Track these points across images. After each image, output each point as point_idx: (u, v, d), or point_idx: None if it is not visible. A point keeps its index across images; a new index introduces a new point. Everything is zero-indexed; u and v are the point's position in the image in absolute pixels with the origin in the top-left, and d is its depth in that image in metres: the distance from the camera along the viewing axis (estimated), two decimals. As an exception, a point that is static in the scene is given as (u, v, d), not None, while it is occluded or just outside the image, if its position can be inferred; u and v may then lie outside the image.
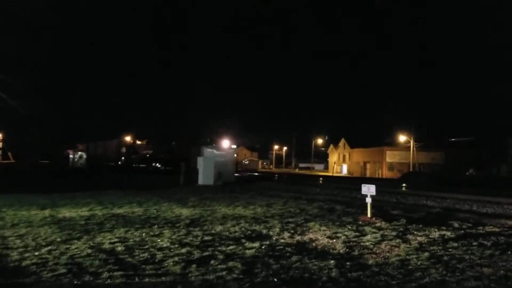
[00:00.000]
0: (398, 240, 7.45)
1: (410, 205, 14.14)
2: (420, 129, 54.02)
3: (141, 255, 6.27)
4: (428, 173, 38.62)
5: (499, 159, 43.90)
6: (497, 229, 8.91)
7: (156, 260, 5.94)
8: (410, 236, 7.85)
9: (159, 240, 7.39)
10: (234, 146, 38.18)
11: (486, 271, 5.48)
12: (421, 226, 9.11)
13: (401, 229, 8.69)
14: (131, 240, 7.41)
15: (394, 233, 8.14)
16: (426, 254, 6.39)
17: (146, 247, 6.82)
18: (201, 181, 24.98)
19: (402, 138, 55.65)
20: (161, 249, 6.67)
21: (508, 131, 44.53)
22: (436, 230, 8.63)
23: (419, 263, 5.84)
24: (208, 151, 27.33)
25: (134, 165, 62.02)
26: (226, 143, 32.49)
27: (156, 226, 8.95)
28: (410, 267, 5.62)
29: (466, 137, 52.27)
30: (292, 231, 8.30)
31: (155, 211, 11.61)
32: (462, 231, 8.61)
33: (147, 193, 17.75)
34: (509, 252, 6.61)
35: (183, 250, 6.56)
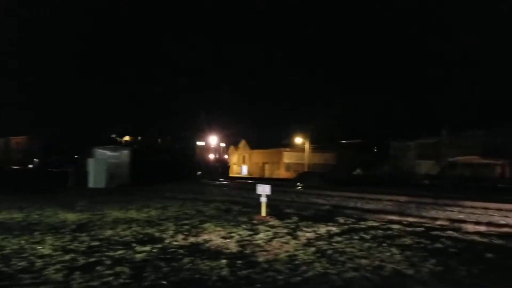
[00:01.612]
0: (288, 237, 7.85)
1: (303, 203, 14.94)
2: (316, 132, 57.19)
3: (18, 264, 5.78)
4: (321, 173, 41.14)
5: (383, 160, 48.29)
6: (376, 224, 9.83)
7: (36, 269, 5.52)
8: (300, 233, 8.32)
9: (40, 247, 6.87)
10: (223, 144, 36.20)
11: (364, 262, 6.02)
12: (310, 223, 9.69)
13: (292, 226, 9.16)
14: (7, 248, 6.78)
15: (285, 231, 8.56)
16: (313, 249, 6.83)
17: (25, 255, 6.30)
18: (92, 183, 23.67)
19: (298, 140, 58.44)
20: (42, 256, 6.21)
21: (390, 136, 49.21)
22: (324, 226, 9.26)
23: (305, 257, 6.21)
24: (99, 152, 25.96)
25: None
26: (213, 139, 32.83)
27: (37, 232, 8.29)
28: (297, 262, 5.96)
29: (355, 140, 56.71)
30: (186, 233, 8.27)
31: (37, 216, 10.74)
32: (347, 226, 9.34)
33: (31, 197, 16.33)
34: (385, 244, 7.33)
35: (67, 257, 6.18)
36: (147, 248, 6.81)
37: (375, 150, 52.89)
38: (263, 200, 10.65)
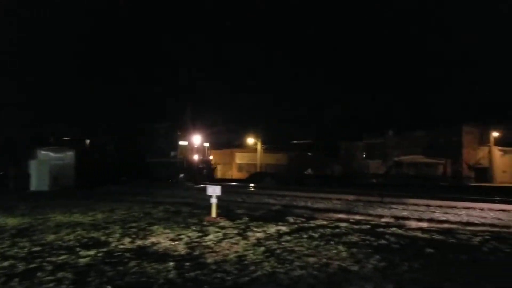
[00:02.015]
0: (238, 238, 7.88)
1: (254, 203, 15.03)
2: (268, 132, 57.65)
3: (-51, 273, 5.42)
4: (272, 173, 41.58)
5: (333, 160, 49.52)
6: (325, 222, 10.07)
7: (-32, 278, 5.20)
8: (249, 233, 8.37)
9: (-27, 255, 6.48)
10: (206, 144, 31.87)
11: (311, 260, 6.16)
12: (261, 223, 9.77)
13: (242, 227, 9.20)
14: None
15: (235, 231, 8.58)
16: (262, 248, 6.89)
17: (-44, 264, 5.92)
18: (34, 186, 22.61)
19: (250, 140, 58.72)
20: (-25, 265, 5.86)
21: (340, 137, 50.60)
22: (274, 225, 9.36)
23: (254, 257, 6.26)
24: (42, 153, 24.84)
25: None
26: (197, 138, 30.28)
27: (-29, 239, 7.81)
28: (246, 262, 6.00)
29: (306, 140, 57.74)
30: (133, 236, 8.10)
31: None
32: (296, 226, 9.50)
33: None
34: (332, 242, 7.53)
35: (5, 264, 5.88)
36: (92, 252, 6.60)
37: (326, 150, 54.17)
38: (213, 201, 10.62)
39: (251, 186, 26.61)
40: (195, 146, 30.37)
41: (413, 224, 10.05)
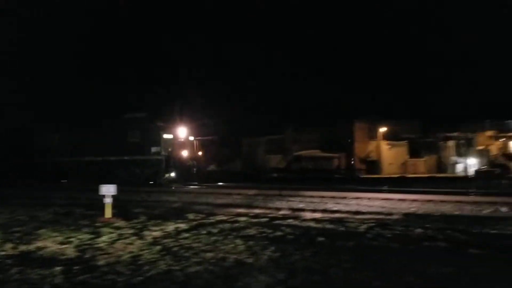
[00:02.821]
0: (134, 238, 7.66)
1: (153, 201, 14.71)
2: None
3: None
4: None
5: (236, 156, 50.24)
6: (224, 217, 10.20)
7: None
8: (146, 232, 8.18)
9: None
10: (191, 138, 26.54)
11: (209, 255, 6.22)
12: (159, 221, 9.60)
13: (139, 226, 8.95)
14: None
15: (131, 231, 8.33)
16: (158, 247, 6.79)
17: None
18: None
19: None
20: None
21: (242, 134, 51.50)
22: (173, 223, 9.26)
23: (150, 257, 6.15)
24: None
25: None
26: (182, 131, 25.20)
27: None
28: (140, 262, 5.86)
29: (209, 136, 57.89)
30: (17, 242, 7.46)
31: None
32: (196, 222, 9.50)
33: None
34: (230, 237, 7.67)
35: None
36: (-36, 262, 5.95)
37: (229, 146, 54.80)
38: (107, 201, 10.19)
39: (150, 184, 25.79)
40: (182, 140, 25.25)
41: (308, 215, 10.62)
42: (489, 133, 36.73)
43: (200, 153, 26.90)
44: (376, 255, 6.32)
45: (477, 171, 31.89)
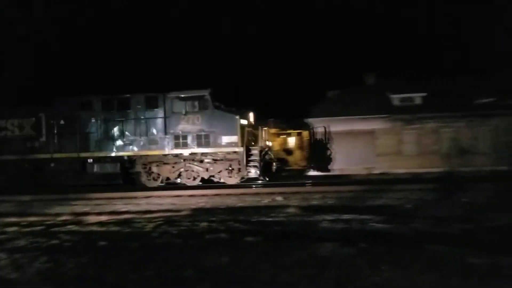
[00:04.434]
0: None
1: None
2: None
3: None
4: None
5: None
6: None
7: None
8: None
9: None
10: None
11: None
12: None
13: None
14: None
15: None
16: None
17: None
18: None
19: None
20: None
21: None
22: None
23: None
24: None
25: None
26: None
27: None
28: None
29: None
30: None
31: None
32: None
33: None
34: None
35: None
36: None
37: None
38: None
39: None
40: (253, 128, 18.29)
41: (92, 218, 10.05)
42: (272, 130, 41.32)
43: (269, 143, 19.97)
44: (159, 253, 6.35)
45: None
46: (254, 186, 16.44)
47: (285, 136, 23.62)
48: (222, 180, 17.55)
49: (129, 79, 33.38)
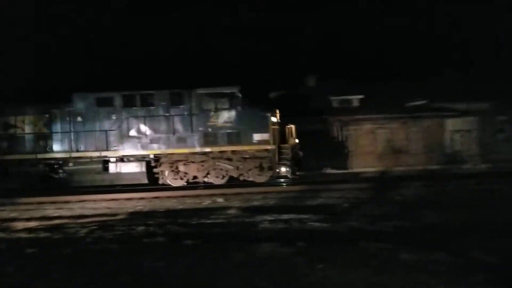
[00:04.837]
0: None
1: None
2: None
3: None
4: None
5: None
6: None
7: None
8: None
9: None
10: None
11: None
12: None
13: None
14: None
15: None
16: None
17: None
18: None
19: None
20: None
21: None
22: None
23: None
24: None
25: None
26: None
27: None
28: None
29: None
30: None
31: None
32: None
33: None
34: None
35: None
36: None
37: None
38: None
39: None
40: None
41: (20, 225, 9.51)
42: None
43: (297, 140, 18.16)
44: (94, 259, 6.12)
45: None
46: (200, 188, 16.22)
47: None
48: (250, 179, 17.13)
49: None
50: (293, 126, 17.53)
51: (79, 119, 16.76)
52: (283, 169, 17.14)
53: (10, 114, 16.91)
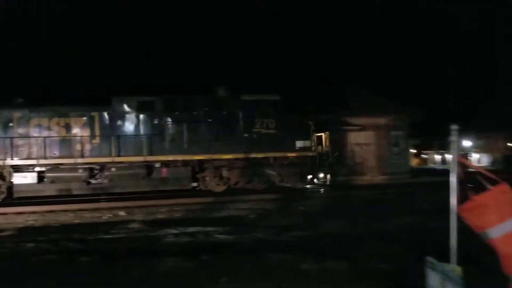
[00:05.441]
0: None
1: None
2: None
3: None
4: None
5: None
6: None
7: None
8: None
9: None
10: None
11: None
12: None
13: None
14: None
15: None
16: None
17: None
18: None
19: None
20: None
21: None
22: None
23: None
24: None
25: None
26: None
27: None
28: None
29: None
30: None
31: None
32: None
33: None
34: None
35: None
36: None
37: None
38: None
39: None
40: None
41: None
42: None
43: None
44: None
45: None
46: (104, 200, 15.41)
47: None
48: (288, 185, 17.21)
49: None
50: (326, 134, 18.10)
51: (119, 122, 15.96)
52: (321, 175, 17.78)
53: (44, 116, 15.50)
